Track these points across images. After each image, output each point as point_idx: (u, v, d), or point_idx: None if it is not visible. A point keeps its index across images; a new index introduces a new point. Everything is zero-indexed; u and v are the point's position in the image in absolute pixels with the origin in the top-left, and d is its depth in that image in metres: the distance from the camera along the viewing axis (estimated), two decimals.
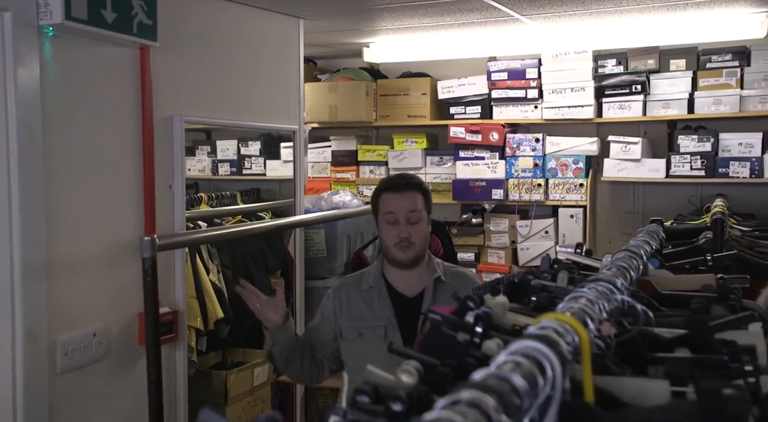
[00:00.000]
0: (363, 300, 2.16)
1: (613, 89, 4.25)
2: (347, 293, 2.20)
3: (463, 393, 0.54)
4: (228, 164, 4.92)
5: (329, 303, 2.21)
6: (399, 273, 2.20)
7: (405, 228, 2.13)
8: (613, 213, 4.60)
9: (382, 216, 2.19)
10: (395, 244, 2.14)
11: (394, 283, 2.20)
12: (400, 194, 2.18)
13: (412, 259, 2.16)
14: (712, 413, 0.70)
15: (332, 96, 4.74)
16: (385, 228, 2.17)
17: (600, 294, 1.02)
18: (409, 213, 2.15)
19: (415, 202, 2.17)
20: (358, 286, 2.20)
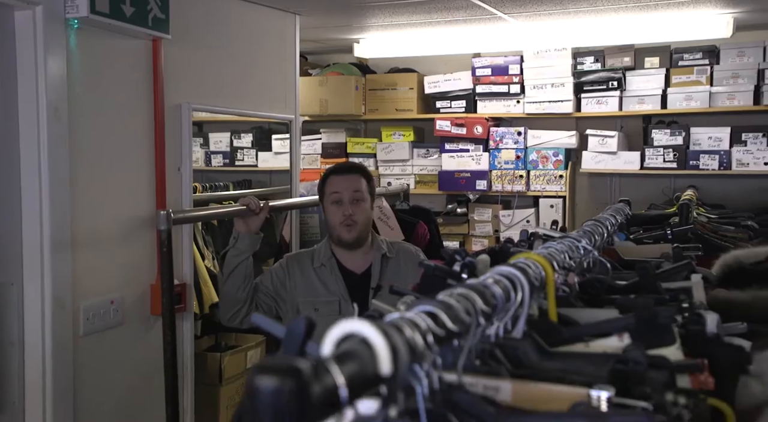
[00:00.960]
0: (317, 277, 2.32)
1: (591, 85, 4.47)
2: (300, 268, 2.35)
3: (457, 289, 0.74)
4: (221, 156, 5.07)
5: (280, 272, 2.35)
6: (347, 253, 2.36)
7: (349, 207, 2.31)
8: (591, 202, 4.83)
9: (328, 196, 2.35)
10: (340, 223, 2.30)
11: (343, 261, 2.36)
12: (344, 176, 2.37)
13: (356, 239, 2.32)
14: (645, 323, 0.91)
15: (323, 90, 4.92)
16: (331, 209, 2.33)
17: (565, 247, 1.22)
18: (353, 193, 2.32)
19: (358, 184, 2.36)
20: (311, 263, 2.35)
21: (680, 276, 1.32)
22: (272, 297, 2.33)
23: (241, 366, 3.74)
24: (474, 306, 0.70)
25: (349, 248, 2.35)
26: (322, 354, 0.51)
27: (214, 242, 3.68)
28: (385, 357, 0.50)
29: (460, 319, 0.65)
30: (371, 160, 5.06)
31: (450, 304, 0.66)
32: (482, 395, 0.71)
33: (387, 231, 3.49)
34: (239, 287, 2.22)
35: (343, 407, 0.44)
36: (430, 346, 0.58)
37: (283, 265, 2.39)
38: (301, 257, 2.42)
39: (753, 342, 1.19)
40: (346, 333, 0.52)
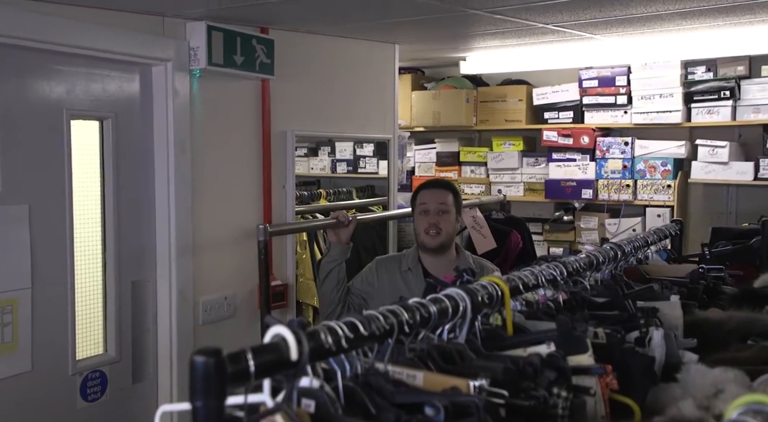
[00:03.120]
0: (402, 280, 2.60)
1: (702, 95, 4.44)
2: (387, 270, 2.65)
3: (393, 307, 1.06)
4: (345, 163, 5.53)
5: (369, 274, 2.66)
6: (432, 259, 2.63)
7: (434, 217, 2.60)
8: (706, 213, 4.77)
9: (417, 207, 2.65)
10: (425, 230, 2.59)
11: (428, 267, 2.64)
12: (432, 190, 2.70)
13: (439, 245, 2.60)
14: (565, 335, 1.17)
15: (436, 103, 5.25)
16: (419, 218, 2.62)
17: (547, 269, 1.48)
18: (439, 205, 2.62)
19: (444, 197, 2.65)
20: (398, 267, 2.64)
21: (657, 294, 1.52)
22: (362, 297, 2.65)
23: None
24: (397, 319, 1.02)
25: (434, 254, 2.63)
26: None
27: None
28: (294, 349, 0.84)
29: (378, 328, 0.97)
30: (482, 168, 5.31)
31: (372, 318, 0.98)
32: (402, 380, 1.02)
33: (480, 240, 3.75)
34: (333, 289, 2.59)
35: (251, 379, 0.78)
36: (342, 346, 0.91)
37: (372, 268, 2.71)
38: (390, 261, 2.73)
39: (710, 354, 1.39)
40: (275, 333, 0.86)
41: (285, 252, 2.85)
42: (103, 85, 2.33)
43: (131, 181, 2.41)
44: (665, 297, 1.55)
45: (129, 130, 2.41)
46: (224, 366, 0.76)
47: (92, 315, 2.33)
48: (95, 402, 2.29)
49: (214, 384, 0.74)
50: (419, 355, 1.10)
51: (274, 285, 2.70)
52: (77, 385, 2.24)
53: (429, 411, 0.86)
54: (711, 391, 1.11)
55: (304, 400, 0.89)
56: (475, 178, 5.34)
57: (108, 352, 2.36)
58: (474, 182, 5.32)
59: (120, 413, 2.35)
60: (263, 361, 0.81)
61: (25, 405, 2.10)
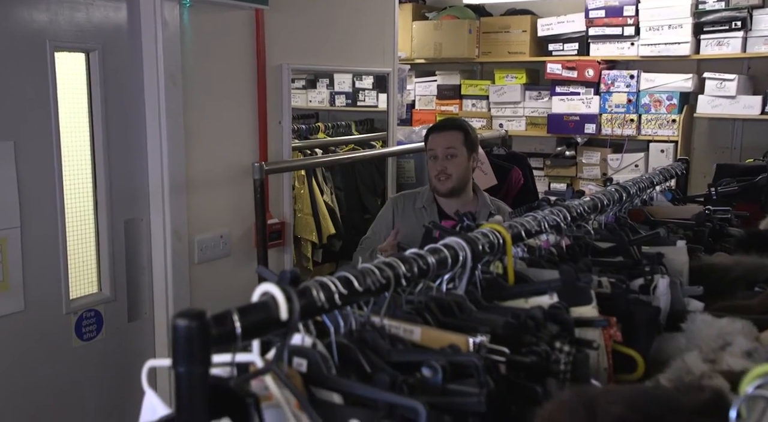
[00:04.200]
0: (416, 218, 2.55)
1: (712, 26, 4.29)
2: (404, 207, 2.60)
3: (389, 259, 1.00)
4: (344, 96, 5.41)
5: (388, 214, 2.60)
6: (446, 200, 2.59)
7: (442, 163, 2.53)
8: (710, 148, 4.70)
9: (427, 152, 2.59)
10: (435, 176, 2.54)
11: (443, 206, 2.59)
12: (440, 133, 2.59)
13: (450, 190, 2.54)
14: (568, 285, 1.13)
15: (437, 34, 5.09)
16: (429, 164, 2.58)
17: (551, 214, 1.42)
18: (446, 150, 2.53)
19: (453, 140, 2.55)
20: (413, 204, 2.59)
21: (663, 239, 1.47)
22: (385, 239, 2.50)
23: None
24: (393, 272, 0.97)
25: (444, 197, 2.58)
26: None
27: (333, 178, 4.07)
28: (284, 308, 0.79)
29: (373, 282, 0.92)
30: (484, 102, 5.20)
31: (368, 272, 0.93)
32: (400, 335, 0.98)
33: (481, 176, 3.69)
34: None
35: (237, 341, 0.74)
36: (335, 302, 0.86)
37: (388, 206, 2.65)
38: (405, 198, 2.66)
39: (716, 302, 1.36)
40: (264, 291, 0.81)
41: (282, 189, 2.79)
42: (88, 13, 2.21)
43: (121, 116, 2.33)
44: (671, 242, 1.50)
45: (117, 63, 2.31)
46: (208, 330, 0.71)
47: (85, 254, 2.29)
48: (91, 341, 2.28)
49: (198, 349, 0.70)
50: (417, 308, 1.06)
51: (271, 224, 2.66)
52: (72, 324, 2.22)
53: (426, 373, 0.82)
54: (718, 343, 1.08)
55: (296, 359, 0.85)
56: (476, 112, 5.24)
57: (102, 291, 2.33)
58: (475, 116, 5.22)
59: (117, 351, 2.35)
60: (251, 322, 0.76)
61: (20, 345, 2.09)
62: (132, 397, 2.34)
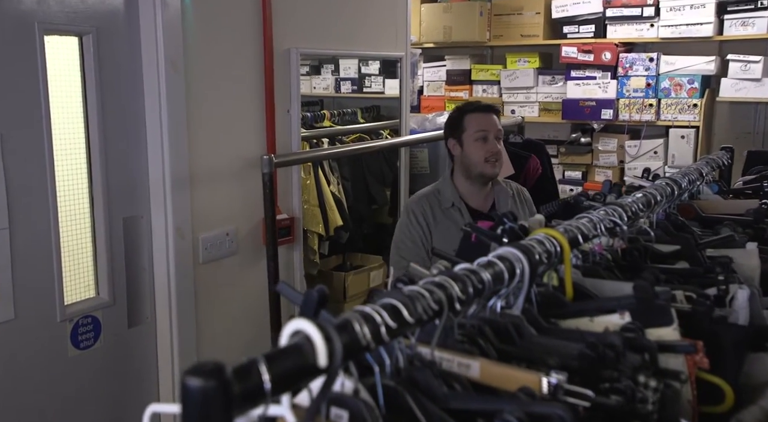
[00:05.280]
0: (447, 219, 2.34)
1: (737, 5, 4.10)
2: (431, 211, 2.36)
3: (438, 278, 0.83)
4: (349, 82, 5.23)
5: (420, 221, 2.35)
6: (473, 190, 2.39)
7: (495, 144, 2.35)
8: (732, 133, 4.52)
9: (472, 134, 2.35)
10: (486, 160, 2.33)
11: (468, 201, 2.39)
12: (487, 114, 2.39)
13: (497, 173, 2.38)
14: (644, 303, 0.96)
15: (447, 16, 4.89)
16: (475, 146, 2.34)
17: (606, 215, 1.25)
18: (497, 131, 2.37)
19: (499, 122, 2.40)
20: (438, 205, 2.37)
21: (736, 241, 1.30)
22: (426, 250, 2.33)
23: (364, 285, 4.01)
24: (446, 293, 0.80)
25: (487, 183, 2.40)
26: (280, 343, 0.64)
27: (340, 168, 3.91)
28: (322, 352, 0.62)
29: (424, 309, 0.75)
30: (495, 88, 5.02)
31: (416, 296, 0.76)
32: (454, 370, 0.81)
33: None
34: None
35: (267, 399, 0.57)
36: (382, 338, 0.69)
37: (416, 212, 2.37)
38: (427, 199, 2.41)
39: None
40: (295, 330, 0.64)
41: (291, 182, 2.62)
42: None
43: (118, 106, 2.15)
44: (739, 244, 1.33)
45: (113, 47, 2.12)
46: (230, 390, 0.54)
47: (81, 256, 2.12)
48: (88, 350, 2.11)
49: (219, 417, 0.53)
50: (469, 334, 0.89)
51: (280, 219, 2.49)
52: (67, 332, 2.05)
53: None
54: None
55: (335, 410, 0.68)
56: (487, 98, 5.04)
57: (100, 295, 2.16)
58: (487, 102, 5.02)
59: (116, 359, 2.19)
60: (282, 372, 0.59)
61: (11, 356, 1.92)
62: (133, 409, 2.18)
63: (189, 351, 2.27)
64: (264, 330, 2.38)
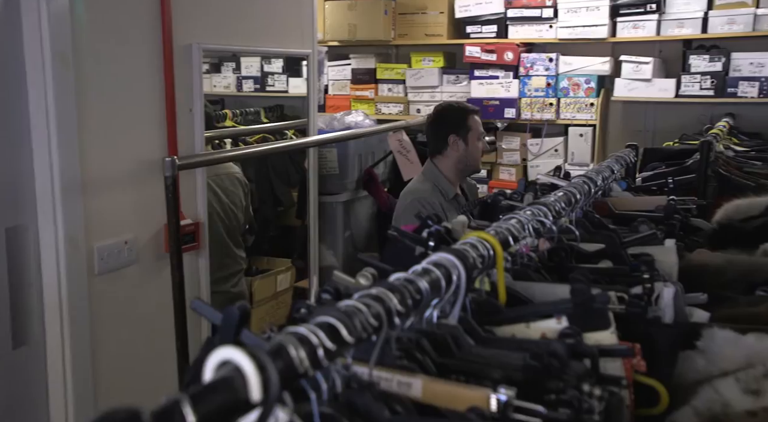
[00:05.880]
0: (455, 210, 2.49)
1: (628, 8, 4.27)
2: (440, 203, 2.60)
3: (373, 289, 0.77)
4: (252, 81, 5.08)
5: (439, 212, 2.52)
6: (456, 183, 2.76)
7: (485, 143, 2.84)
8: (624, 132, 4.71)
9: (476, 134, 2.78)
10: (480, 158, 2.81)
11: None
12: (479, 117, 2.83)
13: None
14: (582, 307, 0.93)
15: (351, 14, 4.83)
16: (477, 145, 2.78)
17: (533, 215, 1.22)
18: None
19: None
20: (444, 198, 2.62)
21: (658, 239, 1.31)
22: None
23: (271, 290, 3.90)
24: (384, 306, 0.73)
25: (465, 178, 2.85)
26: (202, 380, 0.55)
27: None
28: (256, 384, 0.54)
29: (364, 326, 0.68)
30: (400, 87, 5.01)
31: (354, 312, 0.69)
32: (393, 390, 0.75)
33: (407, 165, 3.50)
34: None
35: None
36: (320, 362, 0.62)
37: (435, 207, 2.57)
38: (432, 194, 2.67)
39: (718, 309, 1.20)
40: (223, 360, 0.56)
41: (195, 186, 2.47)
42: None
43: None
44: (658, 241, 1.34)
45: None
46: None
47: None
48: None
49: None
50: (406, 348, 0.83)
51: (184, 225, 2.34)
52: None
53: None
54: (759, 371, 0.91)
55: None
56: (392, 97, 5.03)
57: None
58: (391, 101, 5.02)
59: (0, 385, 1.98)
60: (209, 413, 0.50)
61: None
62: None
63: (83, 374, 2.08)
64: (169, 347, 2.23)
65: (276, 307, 3.97)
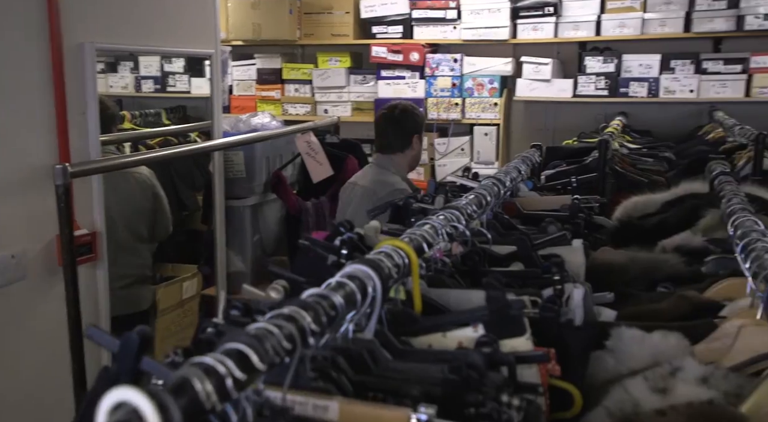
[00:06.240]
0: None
1: (527, 11, 4.40)
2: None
3: (285, 309, 0.72)
4: (152, 81, 4.87)
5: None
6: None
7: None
8: (526, 130, 4.85)
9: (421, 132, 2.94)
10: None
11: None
12: None
13: None
14: (498, 314, 0.92)
15: (255, 13, 4.72)
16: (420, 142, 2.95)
17: (447, 220, 1.21)
18: None
19: None
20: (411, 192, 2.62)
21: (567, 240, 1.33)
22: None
23: (177, 298, 3.75)
24: (297, 326, 0.69)
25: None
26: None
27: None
28: None
29: (276, 351, 0.64)
30: (307, 87, 4.95)
31: (265, 335, 0.65)
32: (308, 415, 0.71)
33: (315, 167, 3.45)
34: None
35: None
36: (229, 393, 0.57)
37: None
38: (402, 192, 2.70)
39: (623, 307, 1.23)
40: (118, 402, 0.50)
41: (91, 194, 2.33)
42: None
43: None
44: (566, 241, 1.37)
45: None
46: None
47: None
48: None
49: None
50: (321, 368, 0.79)
51: (79, 236, 2.20)
52: None
53: None
54: (666, 369, 0.93)
55: None
56: (299, 97, 4.97)
57: None
58: (298, 102, 4.95)
59: None
60: None
61: None
62: None
63: None
64: (64, 371, 2.08)
65: (182, 316, 3.83)
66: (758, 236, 1.14)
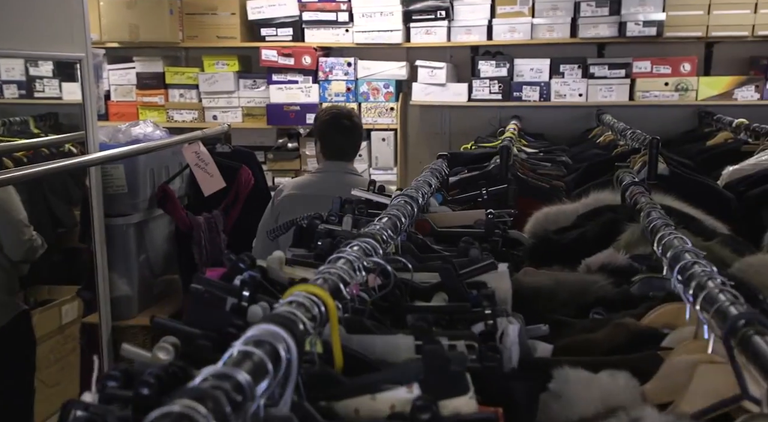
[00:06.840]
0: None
1: (420, 14, 4.34)
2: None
3: (175, 406, 0.55)
4: (15, 86, 4.44)
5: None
6: None
7: None
8: (423, 135, 4.81)
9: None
10: None
11: None
12: None
13: None
14: (437, 372, 0.78)
15: (131, 13, 4.39)
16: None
17: (362, 251, 1.07)
18: None
19: None
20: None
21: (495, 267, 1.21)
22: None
23: (56, 323, 3.45)
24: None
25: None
26: None
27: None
28: None
29: None
30: (194, 92, 4.67)
31: None
32: None
33: (206, 179, 3.21)
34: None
35: None
36: None
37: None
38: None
39: (557, 338, 1.14)
40: None
41: None
42: None
43: None
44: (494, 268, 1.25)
45: None
46: None
47: None
48: None
49: None
50: None
51: None
52: None
53: None
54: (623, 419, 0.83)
55: None
56: (185, 103, 4.68)
57: None
58: (185, 108, 4.66)
59: None
60: None
61: None
62: None
63: None
64: None
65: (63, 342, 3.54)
66: (692, 257, 1.07)
